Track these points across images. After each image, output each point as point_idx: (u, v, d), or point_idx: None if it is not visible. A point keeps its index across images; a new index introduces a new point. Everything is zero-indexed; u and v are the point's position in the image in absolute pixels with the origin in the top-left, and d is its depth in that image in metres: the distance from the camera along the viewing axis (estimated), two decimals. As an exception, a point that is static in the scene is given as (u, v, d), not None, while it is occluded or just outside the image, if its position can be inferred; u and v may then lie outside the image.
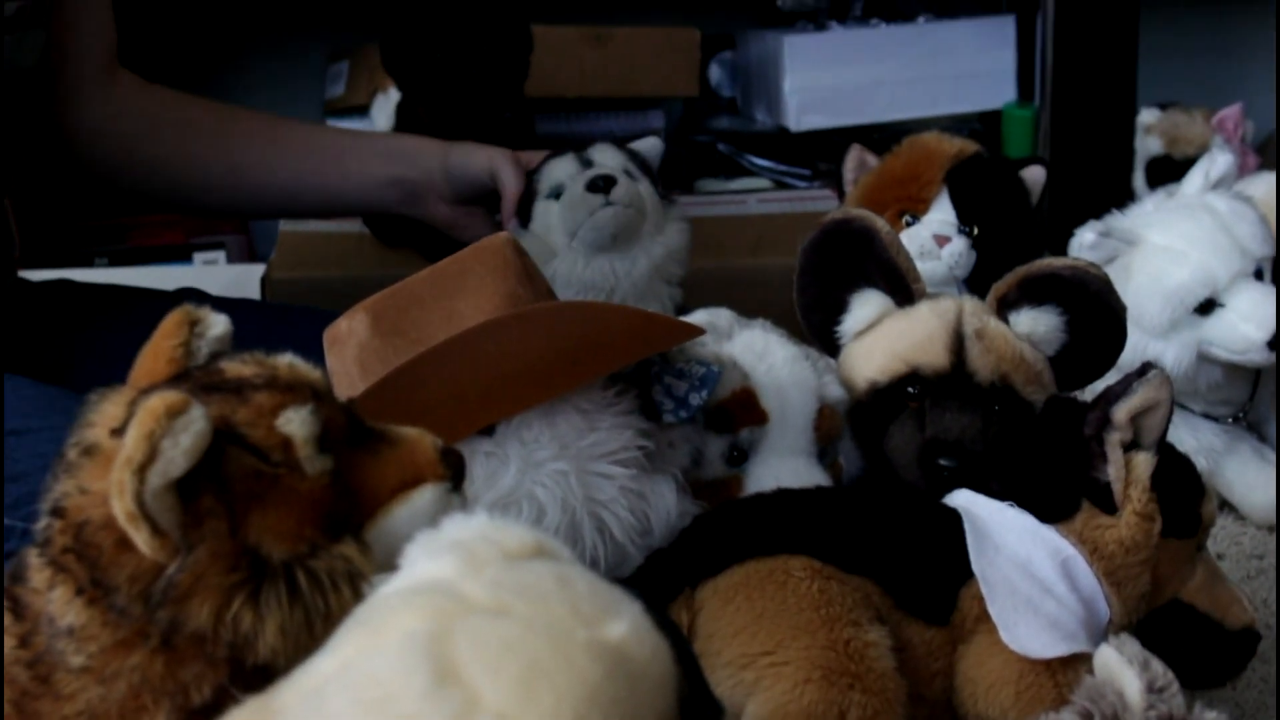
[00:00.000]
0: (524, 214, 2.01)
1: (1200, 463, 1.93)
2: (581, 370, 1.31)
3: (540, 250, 1.96)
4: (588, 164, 1.98)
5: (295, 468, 0.98)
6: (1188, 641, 1.40)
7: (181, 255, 2.97)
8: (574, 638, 0.81)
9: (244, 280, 2.54)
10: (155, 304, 1.51)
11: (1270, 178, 2.25)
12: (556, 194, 1.97)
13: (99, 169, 1.96)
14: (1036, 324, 1.50)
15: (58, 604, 0.96)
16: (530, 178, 2.02)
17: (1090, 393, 1.46)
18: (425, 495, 1.04)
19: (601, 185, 1.92)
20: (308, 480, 0.98)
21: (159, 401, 0.91)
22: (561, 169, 1.99)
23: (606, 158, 2.00)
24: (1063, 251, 1.91)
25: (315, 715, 0.81)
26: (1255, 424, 2.06)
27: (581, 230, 1.93)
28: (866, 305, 1.55)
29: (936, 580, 1.33)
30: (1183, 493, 1.38)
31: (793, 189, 2.89)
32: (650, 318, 1.42)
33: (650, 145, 2.09)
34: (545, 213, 1.99)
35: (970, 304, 1.53)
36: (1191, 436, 1.96)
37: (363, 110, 2.80)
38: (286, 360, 1.03)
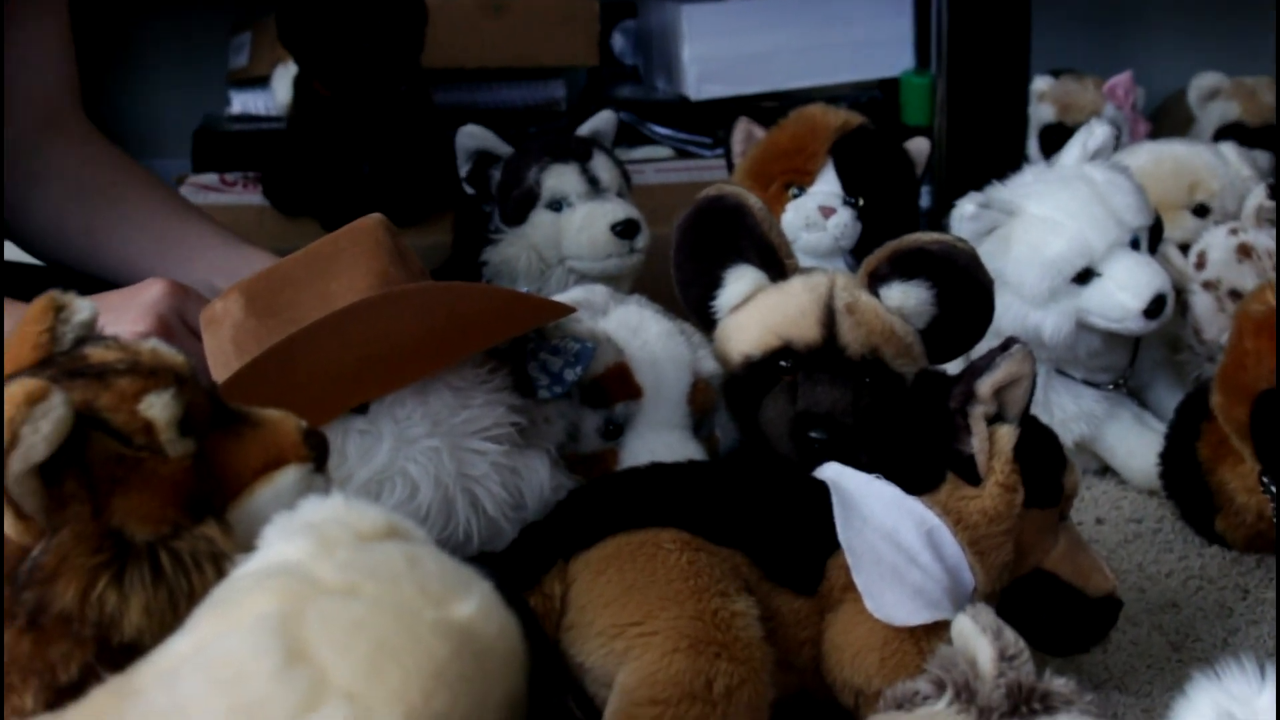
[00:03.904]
0: (517, 214, 2.03)
1: (1081, 428, 1.98)
2: (453, 348, 1.33)
3: (530, 258, 1.99)
4: (592, 180, 2.02)
5: (157, 451, 1.00)
6: (1051, 609, 1.43)
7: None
8: (422, 617, 0.83)
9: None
10: (37, 280, 1.53)
11: (1153, 147, 2.29)
12: (556, 205, 2.00)
13: None
14: (906, 298, 1.53)
15: (-76, 585, 0.98)
16: (523, 175, 2.05)
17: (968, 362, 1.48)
18: (288, 476, 1.06)
19: (629, 232, 1.97)
20: (170, 463, 1.00)
21: (19, 388, 0.93)
22: (565, 180, 2.03)
23: (604, 171, 2.06)
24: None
25: (171, 695, 0.83)
26: (1136, 390, 2.09)
27: (594, 263, 1.98)
28: (740, 280, 1.57)
29: (804, 551, 1.35)
30: (1045, 464, 1.41)
31: (694, 158, 2.90)
32: (520, 297, 1.44)
33: (605, 121, 2.13)
34: (544, 223, 2.02)
35: (842, 278, 1.55)
36: (1073, 403, 1.99)
37: (265, 81, 2.79)
38: (150, 345, 1.05)
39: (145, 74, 3.32)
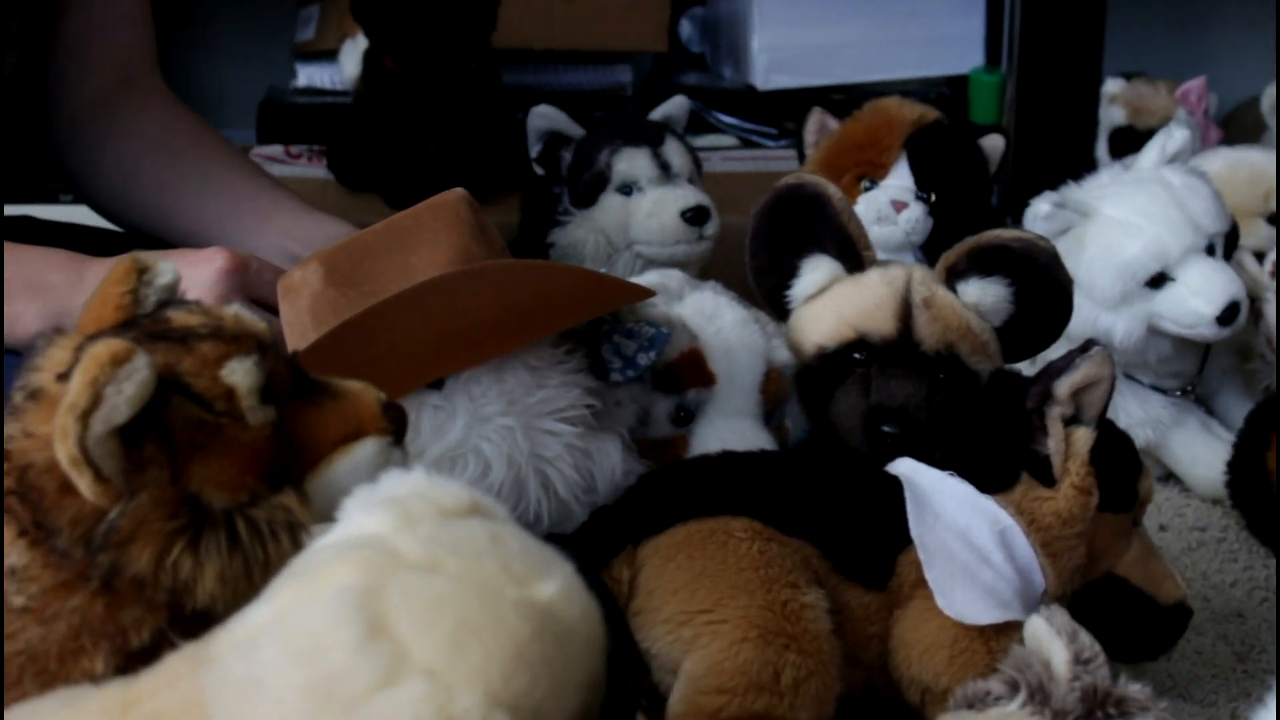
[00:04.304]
0: (587, 197, 2.02)
1: (1147, 434, 1.95)
2: (531, 328, 1.32)
3: (597, 241, 1.98)
4: (664, 165, 2.00)
5: (238, 418, 0.99)
6: (1121, 615, 1.41)
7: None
8: (504, 596, 0.82)
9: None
10: (110, 245, 1.52)
11: (1228, 153, 2.26)
12: (626, 189, 1.99)
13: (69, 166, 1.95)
14: (984, 294, 1.51)
15: (0, 544, 0.98)
16: (594, 158, 2.03)
17: (1041, 363, 1.47)
18: (366, 449, 1.05)
19: (699, 219, 1.95)
20: (250, 430, 0.99)
21: (104, 348, 0.92)
22: (636, 165, 2.01)
23: (676, 157, 2.04)
24: (1023, 219, 1.92)
25: (248, 665, 0.82)
26: (1204, 397, 2.07)
27: (663, 249, 1.98)
28: (816, 270, 1.56)
29: (875, 545, 1.34)
30: (1120, 468, 1.39)
31: (759, 148, 2.89)
32: (600, 278, 1.43)
33: (677, 106, 2.11)
34: (613, 207, 2.01)
35: (919, 272, 1.54)
36: (1140, 408, 1.97)
37: (331, 55, 2.79)
38: (233, 310, 1.04)
39: (211, 45, 3.32)
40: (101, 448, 0.93)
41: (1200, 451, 1.98)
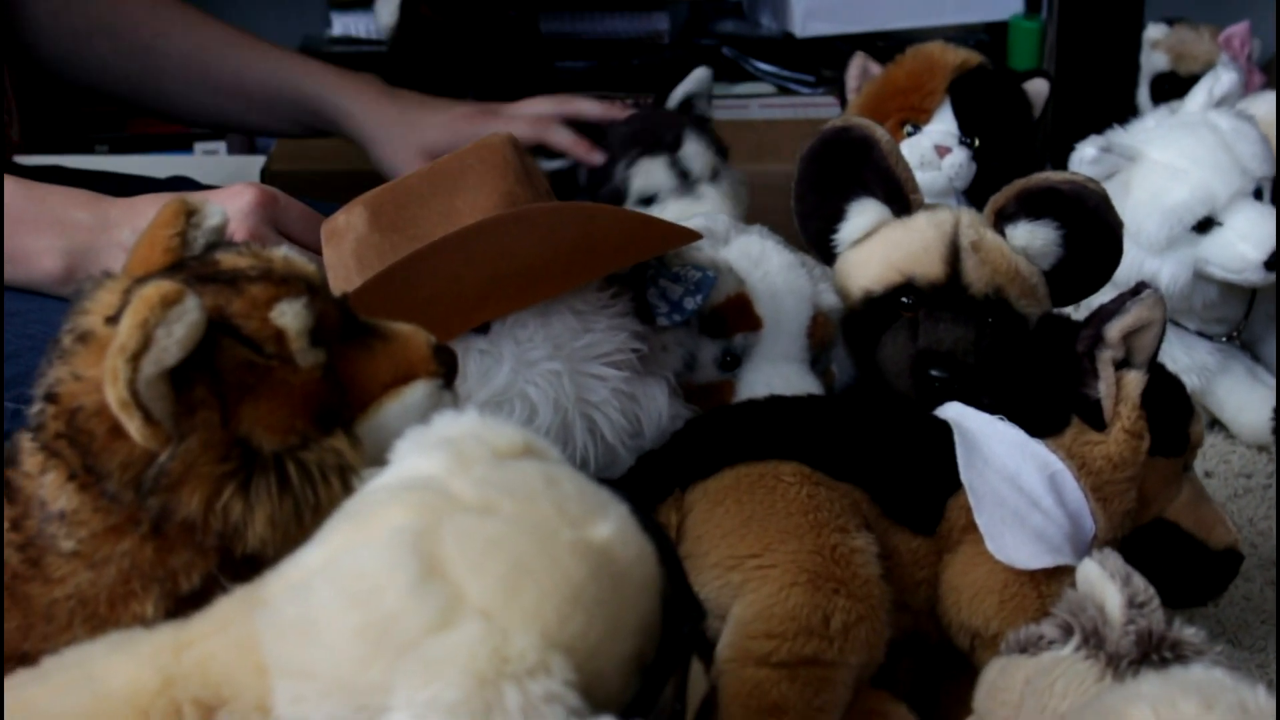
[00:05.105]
0: None
1: (1193, 380, 1.94)
2: (577, 271, 1.31)
3: None
4: (683, 174, 1.96)
5: (288, 360, 0.98)
6: (1171, 560, 1.40)
7: (183, 145, 2.95)
8: (559, 537, 0.82)
9: (244, 172, 2.53)
10: (142, 193, 1.52)
11: (1271, 96, 2.24)
12: (646, 201, 1.97)
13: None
14: (1033, 237, 1.50)
15: (50, 489, 0.97)
16: (611, 171, 2.00)
17: (1085, 308, 1.46)
18: (417, 391, 1.05)
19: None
20: (300, 373, 0.99)
21: (154, 290, 0.91)
22: (654, 177, 1.96)
23: (695, 161, 1.98)
24: (1064, 165, 1.91)
25: (301, 607, 0.82)
26: (1249, 343, 2.06)
27: None
28: (863, 214, 1.55)
29: (924, 490, 1.33)
30: (1172, 412, 1.38)
31: (796, 95, 2.87)
32: (648, 221, 1.42)
33: (698, 82, 2.08)
34: None
35: (967, 215, 1.53)
36: (1185, 354, 1.96)
37: (367, 3, 2.78)
38: (282, 253, 1.03)
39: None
40: (151, 390, 0.92)
41: (1246, 398, 1.97)
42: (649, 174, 1.97)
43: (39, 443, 0.98)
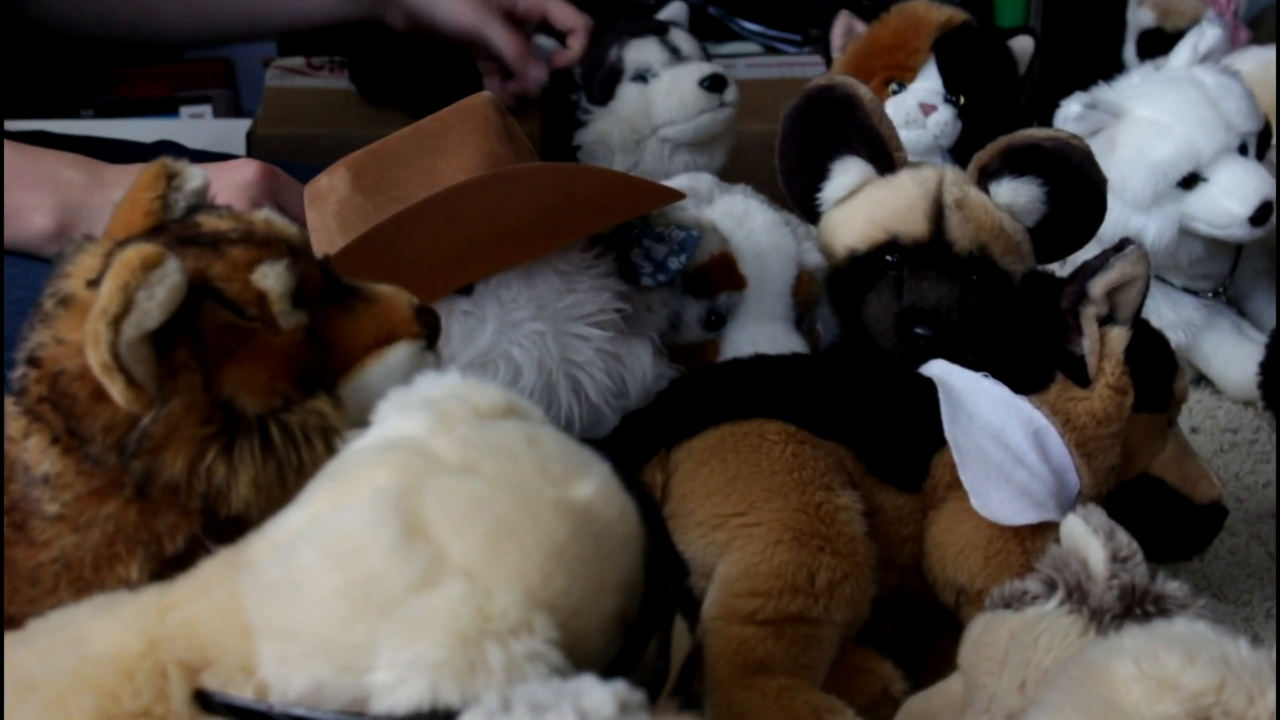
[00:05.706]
0: (604, 92, 2.02)
1: (1179, 336, 1.94)
2: (561, 232, 1.31)
3: (622, 131, 1.98)
4: (674, 51, 2.00)
5: (270, 322, 0.98)
6: (1156, 514, 1.41)
7: (168, 108, 2.95)
8: (542, 496, 0.82)
9: (230, 135, 2.52)
10: (129, 157, 1.51)
11: (1259, 52, 2.24)
12: (641, 76, 1.98)
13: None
14: (1017, 194, 1.50)
15: (33, 452, 0.97)
16: (604, 55, 2.03)
17: (1070, 265, 1.46)
18: (399, 352, 1.05)
19: (717, 85, 1.96)
20: (282, 335, 0.99)
21: (135, 253, 0.91)
22: (647, 52, 2.01)
23: (684, 42, 2.04)
24: (1049, 122, 1.90)
25: (285, 568, 0.82)
26: (1235, 299, 2.06)
27: (687, 124, 1.96)
28: (847, 172, 1.55)
29: (909, 447, 1.34)
30: (1156, 367, 1.38)
31: (782, 54, 2.86)
32: (630, 181, 1.42)
33: (676, 11, 2.11)
34: (632, 96, 2.00)
35: (951, 173, 1.52)
36: (1171, 310, 1.96)
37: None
38: (263, 215, 1.03)
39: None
40: (133, 353, 0.92)
41: (1232, 353, 1.97)
42: (642, 49, 2.02)
43: (22, 407, 0.98)
